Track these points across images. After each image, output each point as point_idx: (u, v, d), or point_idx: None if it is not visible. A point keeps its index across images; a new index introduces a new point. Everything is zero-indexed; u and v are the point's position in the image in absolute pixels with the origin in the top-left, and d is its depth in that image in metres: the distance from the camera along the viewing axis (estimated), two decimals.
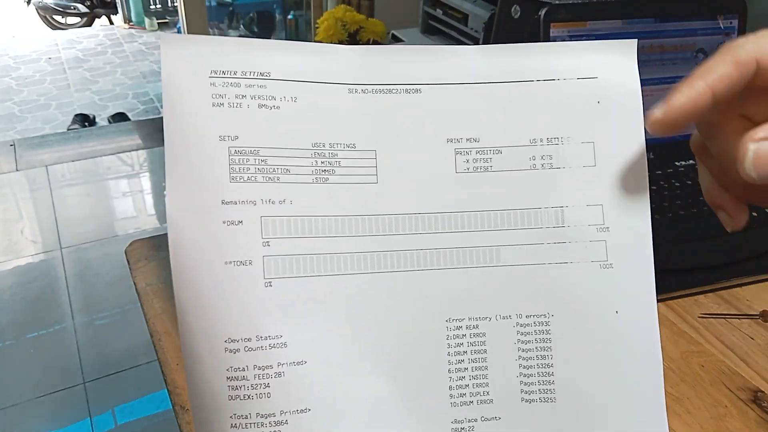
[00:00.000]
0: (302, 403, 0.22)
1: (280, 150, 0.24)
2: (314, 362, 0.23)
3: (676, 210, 0.63)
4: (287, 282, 0.23)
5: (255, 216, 0.23)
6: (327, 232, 0.24)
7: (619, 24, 0.71)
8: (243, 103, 0.23)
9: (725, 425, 0.47)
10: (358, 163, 0.24)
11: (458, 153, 0.25)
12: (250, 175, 0.23)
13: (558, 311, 0.24)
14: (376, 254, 0.24)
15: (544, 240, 0.25)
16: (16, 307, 1.69)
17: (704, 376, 0.51)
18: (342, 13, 1.23)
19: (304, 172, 0.24)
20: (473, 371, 0.24)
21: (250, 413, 0.22)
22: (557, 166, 0.25)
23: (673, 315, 0.55)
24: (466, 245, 0.24)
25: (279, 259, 0.23)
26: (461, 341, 0.24)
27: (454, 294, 0.24)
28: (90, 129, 2.70)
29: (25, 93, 3.09)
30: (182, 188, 0.23)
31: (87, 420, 1.38)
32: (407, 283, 0.24)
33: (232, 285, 0.23)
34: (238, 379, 0.22)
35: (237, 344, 0.22)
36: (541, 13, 0.69)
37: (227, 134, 0.23)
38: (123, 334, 1.60)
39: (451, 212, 0.25)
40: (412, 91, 0.25)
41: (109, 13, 4.06)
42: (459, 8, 1.19)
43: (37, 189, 2.19)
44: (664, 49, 0.74)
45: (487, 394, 0.24)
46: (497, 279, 0.24)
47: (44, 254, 1.89)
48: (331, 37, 1.22)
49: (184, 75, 0.23)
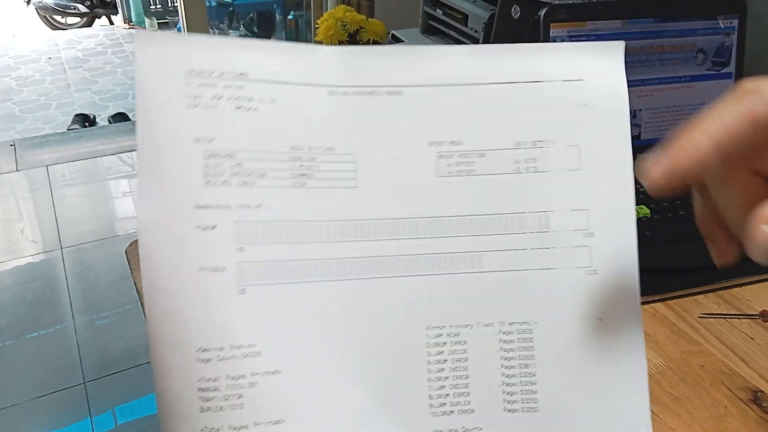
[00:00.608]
0: (276, 414, 0.22)
1: (256, 153, 0.23)
2: (289, 372, 0.22)
3: (676, 210, 0.63)
4: (262, 289, 0.22)
5: (229, 221, 0.22)
6: (304, 238, 0.23)
7: (619, 24, 0.71)
8: (219, 104, 0.22)
9: (725, 425, 0.47)
10: (337, 167, 0.24)
11: (440, 156, 0.24)
12: (225, 179, 0.22)
13: (541, 318, 0.23)
14: (355, 260, 0.23)
15: (527, 245, 0.24)
16: (16, 307, 1.69)
17: (704, 376, 0.51)
18: (342, 14, 1.23)
19: (281, 176, 0.23)
20: (454, 380, 0.23)
21: (221, 425, 0.21)
22: (542, 170, 0.24)
23: (673, 315, 0.55)
24: (447, 251, 0.23)
25: (254, 266, 0.22)
26: (441, 349, 0.23)
27: (434, 301, 0.23)
28: (90, 129, 2.70)
29: (25, 93, 3.09)
30: (154, 192, 0.22)
31: (87, 420, 1.38)
32: (386, 289, 0.23)
33: (205, 292, 0.22)
34: (210, 390, 0.21)
35: (209, 353, 0.21)
36: (541, 13, 0.69)
37: (202, 136, 0.22)
38: (123, 334, 1.60)
39: (432, 217, 0.24)
40: (393, 93, 0.24)
41: (109, 14, 4.06)
42: (459, 8, 1.19)
43: (37, 189, 2.19)
44: (664, 49, 0.74)
45: (468, 404, 0.23)
46: (479, 285, 0.23)
47: (44, 254, 1.89)
48: (331, 37, 1.22)
49: (158, 75, 0.22)
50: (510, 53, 0.25)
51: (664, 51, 0.74)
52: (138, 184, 0.22)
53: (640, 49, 0.73)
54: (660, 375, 0.51)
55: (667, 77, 0.75)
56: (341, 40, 1.22)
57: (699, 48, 0.75)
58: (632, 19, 0.72)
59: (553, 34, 0.69)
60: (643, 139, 0.73)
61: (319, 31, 1.25)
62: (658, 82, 0.74)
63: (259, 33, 3.05)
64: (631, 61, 0.73)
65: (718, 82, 0.76)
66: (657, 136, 0.74)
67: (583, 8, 0.71)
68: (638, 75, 0.73)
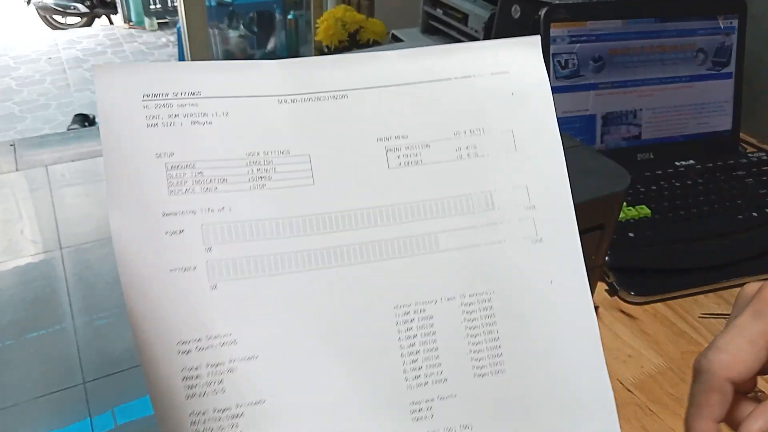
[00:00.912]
0: (256, 395, 0.23)
1: (215, 162, 0.25)
2: (265, 357, 0.23)
3: (677, 210, 0.63)
4: (232, 284, 0.24)
5: (196, 224, 0.24)
6: (268, 234, 0.24)
7: (619, 24, 0.71)
8: (176, 121, 0.24)
9: (725, 425, 0.47)
10: (294, 168, 0.25)
11: (389, 150, 0.26)
12: (188, 187, 0.24)
13: (498, 287, 0.26)
14: (319, 251, 0.25)
15: (477, 223, 0.26)
16: (16, 307, 1.68)
17: None
18: (342, 13, 1.23)
19: (240, 181, 0.25)
20: (425, 353, 0.25)
21: (207, 409, 0.23)
22: (482, 155, 0.27)
23: (673, 315, 0.55)
24: (405, 235, 0.26)
25: (222, 263, 0.24)
26: (410, 325, 0.25)
27: (398, 282, 0.25)
28: (90, 129, 2.70)
29: (25, 93, 3.09)
30: (124, 204, 0.23)
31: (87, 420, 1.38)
32: (352, 275, 0.25)
33: (179, 290, 0.23)
34: (193, 378, 0.23)
35: (188, 345, 0.23)
36: (541, 13, 0.69)
37: (163, 151, 0.24)
38: (123, 334, 1.59)
39: (387, 205, 0.26)
40: (339, 97, 0.26)
41: (109, 13, 4.06)
42: (459, 8, 1.19)
43: (37, 189, 2.19)
44: (664, 49, 0.74)
45: (441, 374, 0.25)
46: (438, 264, 0.25)
47: (44, 254, 1.89)
48: (332, 36, 1.22)
49: (117, 100, 0.24)
50: (442, 53, 0.28)
51: (664, 51, 0.74)
52: (107, 198, 0.24)
53: (640, 49, 0.73)
54: (660, 375, 0.51)
55: (667, 77, 0.74)
56: (341, 39, 1.22)
57: (699, 48, 0.75)
58: (632, 19, 0.72)
59: (553, 34, 0.69)
60: (643, 139, 0.73)
61: (319, 30, 1.25)
62: (658, 82, 0.74)
63: (259, 33, 3.05)
64: (631, 61, 0.73)
65: (718, 82, 0.76)
66: (657, 136, 0.74)
67: (583, 8, 0.71)
68: (638, 75, 0.73)
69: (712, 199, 0.65)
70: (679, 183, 0.67)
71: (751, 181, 0.68)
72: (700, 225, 0.62)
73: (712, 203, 0.65)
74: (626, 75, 0.72)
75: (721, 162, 0.71)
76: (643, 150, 0.74)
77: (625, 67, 0.72)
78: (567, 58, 0.70)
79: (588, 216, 0.49)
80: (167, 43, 3.74)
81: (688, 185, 0.67)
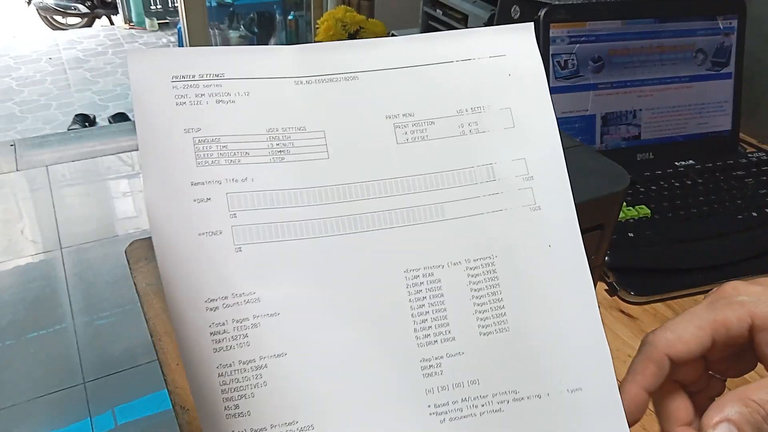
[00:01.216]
0: (279, 348, 0.25)
1: (238, 137, 0.27)
2: (286, 314, 0.26)
3: (677, 210, 0.63)
4: (255, 247, 0.26)
5: (221, 193, 0.26)
6: (287, 203, 0.27)
7: (619, 24, 0.71)
8: (202, 100, 0.27)
9: None
10: (310, 143, 0.28)
11: (397, 127, 0.29)
12: (213, 159, 0.27)
13: (500, 252, 0.28)
14: (334, 219, 0.27)
15: (480, 193, 0.28)
16: (16, 307, 1.69)
17: None
18: (342, 14, 1.23)
19: (261, 154, 0.27)
20: (434, 314, 0.27)
21: (233, 361, 0.25)
22: (483, 131, 0.29)
23: (673, 315, 0.55)
24: (413, 205, 0.28)
25: (246, 228, 0.26)
26: (420, 288, 0.27)
27: (407, 248, 0.27)
28: (90, 129, 2.70)
29: (26, 93, 3.09)
30: (156, 175, 0.26)
31: (87, 420, 1.38)
32: (365, 241, 0.27)
33: (207, 253, 0.26)
34: (220, 333, 0.25)
35: (216, 303, 0.25)
36: (541, 13, 0.69)
37: (190, 127, 0.27)
38: (123, 334, 1.60)
39: (396, 177, 0.28)
40: (350, 78, 0.29)
41: (110, 14, 4.06)
42: (459, 8, 1.19)
43: (37, 189, 2.19)
44: (664, 49, 0.74)
45: (449, 333, 0.27)
46: (444, 231, 0.28)
47: (44, 254, 1.90)
48: (332, 37, 1.22)
49: (149, 82, 0.27)
50: (444, 38, 0.30)
51: (664, 51, 0.74)
52: (141, 170, 0.26)
53: (640, 49, 0.73)
54: None
55: (667, 77, 0.75)
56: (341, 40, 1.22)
57: (699, 48, 0.75)
58: (632, 19, 0.72)
59: (552, 35, 0.69)
60: (643, 139, 0.73)
61: (319, 31, 1.25)
62: (658, 82, 0.74)
63: (259, 33, 3.05)
64: (630, 62, 0.73)
65: (718, 82, 0.76)
66: (657, 136, 0.74)
67: (583, 8, 0.71)
68: (638, 75, 0.73)
69: (712, 199, 0.65)
70: (678, 183, 0.67)
71: (751, 181, 0.68)
72: (700, 225, 0.62)
73: (712, 203, 0.65)
74: (626, 75, 0.72)
75: (721, 162, 0.71)
76: (643, 150, 0.74)
77: (625, 67, 0.72)
78: (566, 59, 0.70)
79: (588, 216, 0.49)
80: (168, 44, 3.74)
81: (687, 185, 0.67)
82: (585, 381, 0.27)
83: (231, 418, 0.24)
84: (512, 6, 1.02)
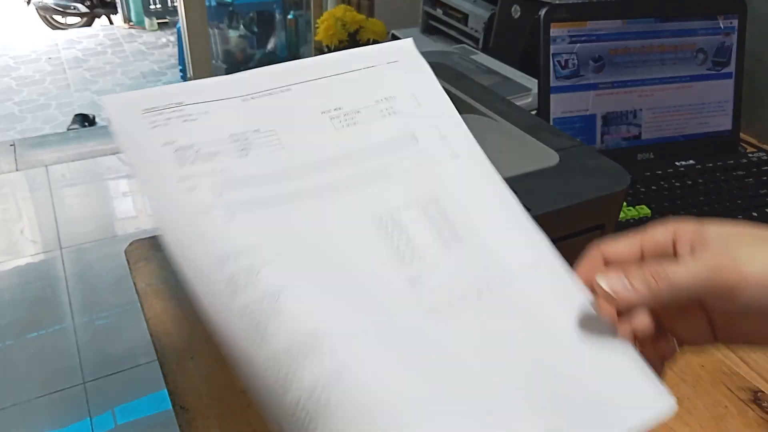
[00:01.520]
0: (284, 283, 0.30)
1: (207, 143, 0.34)
2: (284, 258, 0.31)
3: (677, 210, 0.63)
4: (244, 214, 0.32)
5: (206, 181, 0.32)
6: (261, 183, 0.33)
7: (619, 24, 0.71)
8: (170, 122, 0.34)
9: (725, 425, 0.47)
10: (266, 140, 0.35)
11: (332, 118, 0.37)
12: (191, 160, 0.33)
13: (440, 190, 0.36)
14: (303, 190, 0.34)
15: (411, 154, 0.37)
16: (16, 307, 1.69)
17: (704, 376, 0.51)
18: (342, 13, 1.23)
19: (229, 152, 0.34)
20: (405, 242, 0.34)
21: (249, 302, 0.29)
22: (397, 111, 0.39)
23: None
24: (364, 171, 0.36)
25: (233, 202, 0.32)
26: (387, 225, 0.34)
27: (368, 202, 0.35)
28: (90, 129, 2.70)
29: (25, 93, 3.09)
30: (148, 178, 0.33)
31: (87, 420, 1.38)
32: (336, 201, 0.34)
33: (205, 226, 0.31)
34: (233, 283, 0.30)
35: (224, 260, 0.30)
36: (541, 13, 0.69)
37: (166, 141, 0.33)
38: (123, 334, 1.60)
39: (343, 153, 0.36)
40: (285, 90, 0.37)
41: (109, 13, 4.06)
42: (459, 8, 1.19)
43: (37, 189, 2.19)
44: (664, 48, 0.74)
45: (420, 252, 0.33)
46: (393, 185, 0.36)
47: (44, 254, 1.90)
48: (331, 36, 1.22)
49: (126, 116, 0.34)
50: (350, 55, 0.40)
51: (664, 51, 0.74)
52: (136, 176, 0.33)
53: (640, 48, 0.73)
54: None
55: (667, 77, 0.74)
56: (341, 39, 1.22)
57: (699, 48, 0.75)
58: (632, 19, 0.72)
59: (553, 34, 0.69)
60: (643, 139, 0.73)
61: (319, 30, 1.25)
62: (658, 82, 0.74)
63: (259, 33, 3.05)
64: (631, 61, 0.73)
65: (718, 82, 0.76)
66: (657, 136, 0.74)
67: (583, 8, 0.71)
68: (638, 75, 0.73)
69: (712, 199, 0.65)
70: (679, 183, 0.67)
71: (751, 181, 0.68)
72: None
73: (712, 203, 0.65)
74: (626, 75, 0.72)
75: (721, 162, 0.71)
76: (643, 150, 0.74)
77: (625, 67, 0.72)
78: (567, 58, 0.70)
79: (588, 216, 0.49)
80: (167, 43, 3.74)
81: (688, 185, 0.67)
82: (537, 256, 0.35)
83: (262, 345, 0.28)
84: (512, 6, 1.02)
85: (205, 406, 0.48)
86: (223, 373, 0.50)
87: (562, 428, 0.29)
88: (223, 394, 0.49)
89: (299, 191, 0.33)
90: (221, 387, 0.49)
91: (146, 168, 0.32)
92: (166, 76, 3.28)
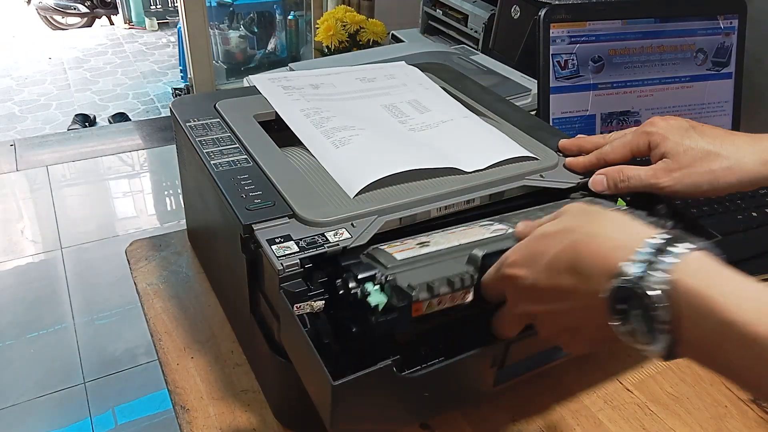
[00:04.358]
0: (349, 125, 0.57)
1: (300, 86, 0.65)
2: (341, 116, 0.58)
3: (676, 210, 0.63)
4: (324, 113, 0.59)
5: (304, 101, 0.61)
6: (326, 98, 0.63)
7: (619, 24, 0.71)
8: (294, 91, 0.64)
9: (725, 425, 0.47)
10: (326, 85, 0.65)
11: (360, 79, 0.67)
12: (295, 96, 0.63)
13: (416, 96, 0.65)
14: (348, 98, 0.63)
15: (404, 90, 0.66)
16: (16, 307, 1.69)
17: (704, 376, 0.51)
18: (342, 14, 1.23)
19: (309, 88, 0.65)
20: (399, 113, 0.61)
21: (332, 129, 0.57)
22: (395, 77, 0.68)
23: None
24: (376, 93, 0.65)
25: (317, 108, 0.60)
26: (390, 108, 0.61)
27: (380, 101, 0.63)
28: (90, 129, 2.70)
29: (26, 93, 3.09)
30: (283, 102, 0.62)
31: (87, 420, 1.38)
32: (361, 102, 0.62)
33: (307, 118, 0.58)
34: (331, 135, 0.55)
35: (321, 124, 0.57)
36: (541, 13, 0.69)
37: (288, 86, 0.65)
38: (123, 334, 1.60)
39: (367, 87, 0.66)
40: (336, 74, 0.69)
41: (110, 14, 4.06)
42: (459, 8, 1.19)
43: (37, 189, 2.19)
44: (664, 49, 0.74)
45: (407, 115, 0.60)
46: (392, 97, 0.64)
47: (44, 254, 1.90)
48: (331, 37, 1.22)
49: (264, 84, 0.64)
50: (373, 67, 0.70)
51: (664, 51, 0.74)
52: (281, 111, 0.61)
53: (640, 49, 0.73)
54: (660, 375, 0.51)
55: (667, 77, 0.74)
56: (341, 40, 1.22)
57: (699, 48, 0.75)
58: (632, 19, 0.72)
59: (552, 34, 0.69)
60: None
61: (319, 31, 1.25)
62: (657, 82, 0.74)
63: (259, 33, 3.05)
64: (630, 62, 0.73)
65: (718, 82, 0.76)
66: None
67: (583, 8, 0.71)
68: (638, 75, 0.73)
69: (712, 199, 0.65)
70: None
71: None
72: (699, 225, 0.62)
73: (712, 203, 0.65)
74: (626, 75, 0.72)
75: None
76: None
77: (625, 67, 0.72)
78: (567, 59, 0.70)
79: None
80: (167, 44, 3.74)
81: None
82: (467, 115, 0.61)
83: (340, 148, 0.53)
84: (512, 6, 1.02)
85: (205, 406, 0.48)
86: (224, 373, 0.50)
87: (460, 159, 0.51)
88: (223, 394, 0.49)
89: (348, 98, 0.63)
90: (221, 387, 0.49)
91: (282, 101, 0.61)
92: (166, 77, 3.28)
